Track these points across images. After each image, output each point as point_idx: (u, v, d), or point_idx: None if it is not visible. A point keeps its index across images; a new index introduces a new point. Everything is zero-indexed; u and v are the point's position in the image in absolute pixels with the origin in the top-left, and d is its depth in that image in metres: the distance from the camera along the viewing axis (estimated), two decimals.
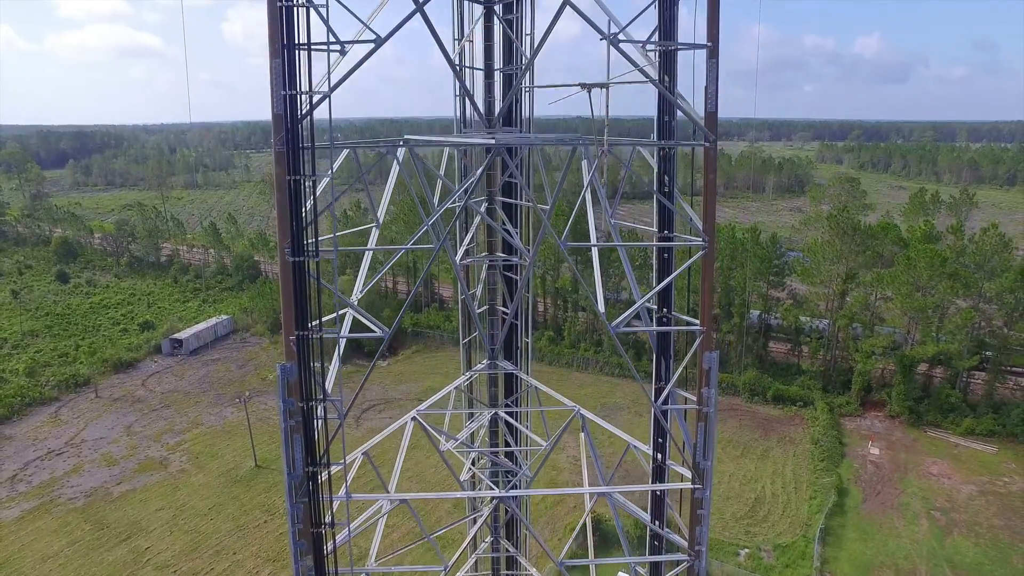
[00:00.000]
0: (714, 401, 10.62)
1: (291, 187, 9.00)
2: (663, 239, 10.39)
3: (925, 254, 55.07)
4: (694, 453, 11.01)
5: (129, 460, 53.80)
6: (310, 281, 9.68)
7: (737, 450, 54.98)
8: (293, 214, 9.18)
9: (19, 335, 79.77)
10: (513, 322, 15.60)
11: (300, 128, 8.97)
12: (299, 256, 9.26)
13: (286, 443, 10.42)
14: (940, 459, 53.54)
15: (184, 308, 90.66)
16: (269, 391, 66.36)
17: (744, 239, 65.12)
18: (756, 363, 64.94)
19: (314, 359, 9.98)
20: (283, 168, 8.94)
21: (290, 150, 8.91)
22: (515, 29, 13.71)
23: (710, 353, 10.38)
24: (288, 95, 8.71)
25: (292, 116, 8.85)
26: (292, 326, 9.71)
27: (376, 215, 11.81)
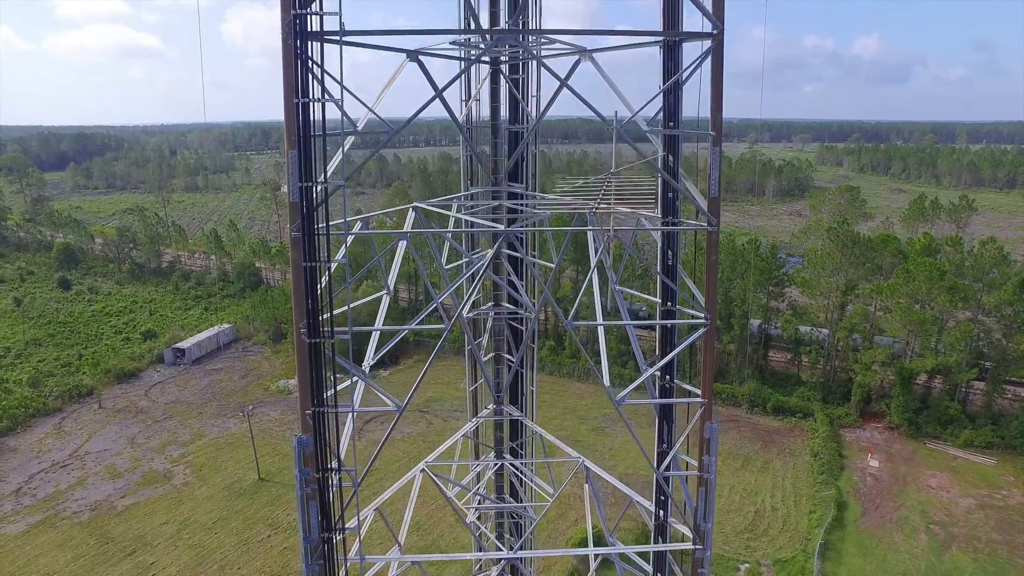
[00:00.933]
0: (714, 468, 10.94)
1: (307, 273, 9.31)
2: (666, 313, 10.71)
3: (924, 267, 55.41)
4: (695, 515, 11.32)
5: (133, 473, 54.12)
6: (324, 357, 9.99)
7: (737, 462, 55.31)
8: (309, 297, 9.49)
9: (22, 344, 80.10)
10: (519, 370, 15.92)
11: (316, 215, 9.28)
12: (315, 338, 9.58)
13: (301, 510, 10.74)
14: (939, 471, 53.89)
15: (186, 316, 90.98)
16: (272, 402, 66.75)
17: (744, 249, 65.45)
18: (756, 374, 65.28)
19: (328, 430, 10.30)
20: (299, 254, 9.25)
21: (306, 236, 9.22)
22: (521, 89, 14.01)
23: (711, 424, 10.70)
24: (304, 186, 9.02)
25: (307, 204, 9.16)
26: (308, 402, 10.03)
27: (387, 282, 12.13)
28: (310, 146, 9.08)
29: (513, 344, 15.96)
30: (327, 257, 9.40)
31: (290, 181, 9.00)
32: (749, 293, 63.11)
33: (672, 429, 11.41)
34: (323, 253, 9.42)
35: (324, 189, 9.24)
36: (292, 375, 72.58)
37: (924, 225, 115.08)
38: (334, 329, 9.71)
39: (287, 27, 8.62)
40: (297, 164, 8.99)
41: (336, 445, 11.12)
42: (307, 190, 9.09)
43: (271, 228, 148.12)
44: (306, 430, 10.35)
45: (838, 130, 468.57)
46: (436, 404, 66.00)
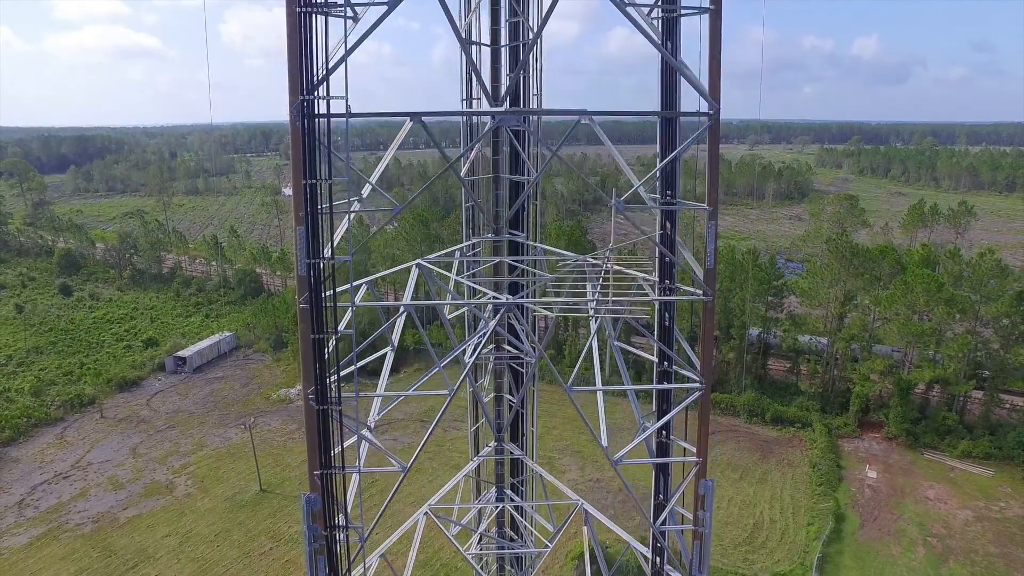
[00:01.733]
0: (709, 523, 11.24)
1: (315, 344, 9.61)
2: (662, 374, 11.02)
3: (921, 279, 55.73)
4: (690, 566, 11.63)
5: (135, 484, 54.41)
6: (332, 420, 10.29)
7: (736, 473, 55.63)
8: (317, 365, 9.79)
9: (24, 352, 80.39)
10: (520, 410, 16.22)
11: (323, 289, 9.58)
12: (323, 405, 9.88)
13: (310, 564, 11.06)
14: (937, 483, 54.19)
15: (187, 323, 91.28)
16: (273, 411, 67.06)
17: (744, 259, 65.76)
18: (755, 384, 65.58)
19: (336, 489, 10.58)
20: (307, 325, 9.55)
21: (314, 309, 9.52)
22: (522, 143, 14.27)
23: (705, 481, 11.00)
24: (312, 263, 9.32)
25: (316, 279, 9.46)
26: (316, 463, 10.33)
27: (392, 339, 12.42)
28: (318, 222, 9.38)
29: (514, 385, 16.26)
30: (335, 327, 9.69)
31: (298, 257, 9.29)
32: (748, 304, 63.42)
33: (668, 482, 11.71)
34: (331, 324, 9.71)
35: (332, 265, 9.53)
36: (293, 384, 72.89)
37: (923, 231, 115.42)
38: (341, 395, 10.01)
39: (295, 110, 8.91)
40: (305, 240, 9.28)
41: (343, 496, 11.44)
42: (315, 265, 9.38)
43: (271, 232, 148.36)
44: (314, 489, 10.66)
45: (838, 131, 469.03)
46: (436, 414, 66.15)
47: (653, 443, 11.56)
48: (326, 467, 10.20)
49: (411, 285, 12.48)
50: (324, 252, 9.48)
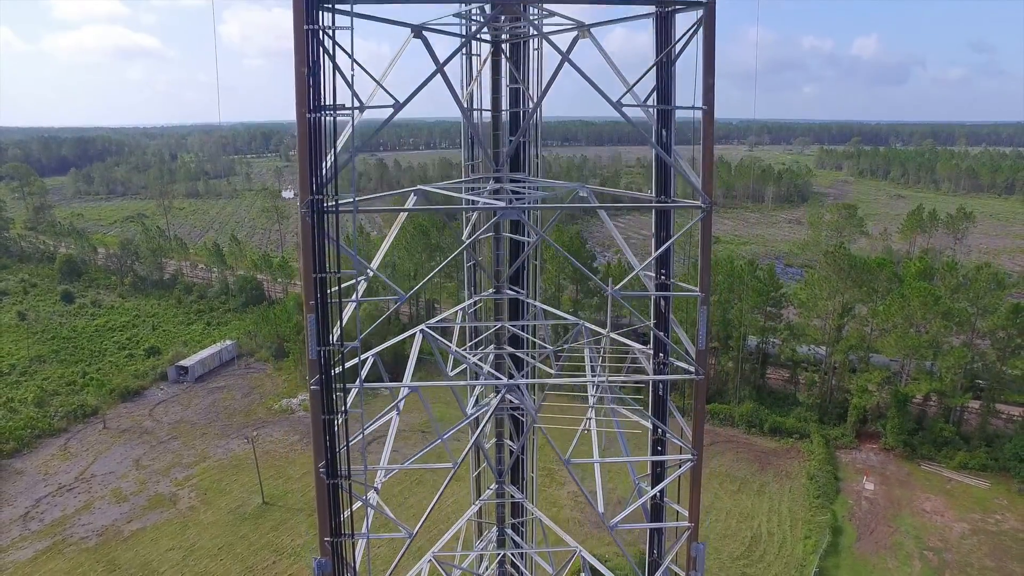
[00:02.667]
0: None
1: (325, 424, 10.05)
2: (656, 442, 11.48)
3: (918, 292, 56.17)
4: None
5: (139, 496, 54.87)
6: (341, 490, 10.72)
7: (734, 485, 56.10)
8: (328, 442, 10.23)
9: (27, 361, 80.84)
10: (520, 456, 16.66)
11: (332, 372, 10.02)
12: (334, 479, 10.32)
13: None
14: (933, 495, 54.65)
15: (188, 331, 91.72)
16: (275, 421, 67.52)
17: (742, 272, 66.19)
18: (753, 394, 66.03)
19: None
20: (318, 405, 9.99)
21: (324, 390, 9.96)
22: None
23: (697, 544, 11.45)
24: (323, 349, 9.75)
25: (326, 363, 9.90)
26: (326, 530, 10.78)
27: (396, 404, 12.85)
28: (327, 310, 9.81)
29: (515, 431, 16.71)
30: (344, 407, 10.12)
31: (309, 344, 9.72)
32: (746, 315, 63.89)
33: (662, 542, 12.15)
34: (340, 405, 10.13)
35: (341, 354, 9.97)
36: (294, 393, 73.34)
37: (922, 237, 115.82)
38: (351, 468, 10.45)
39: (307, 207, 9.29)
40: (315, 328, 9.71)
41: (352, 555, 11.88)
42: (325, 352, 9.82)
43: (271, 238, 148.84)
44: (324, 553, 11.11)
45: (838, 132, 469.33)
46: (438, 425, 66.57)
47: (648, 505, 12.00)
48: (336, 534, 10.63)
49: (415, 352, 12.91)
50: (333, 333, 9.91)
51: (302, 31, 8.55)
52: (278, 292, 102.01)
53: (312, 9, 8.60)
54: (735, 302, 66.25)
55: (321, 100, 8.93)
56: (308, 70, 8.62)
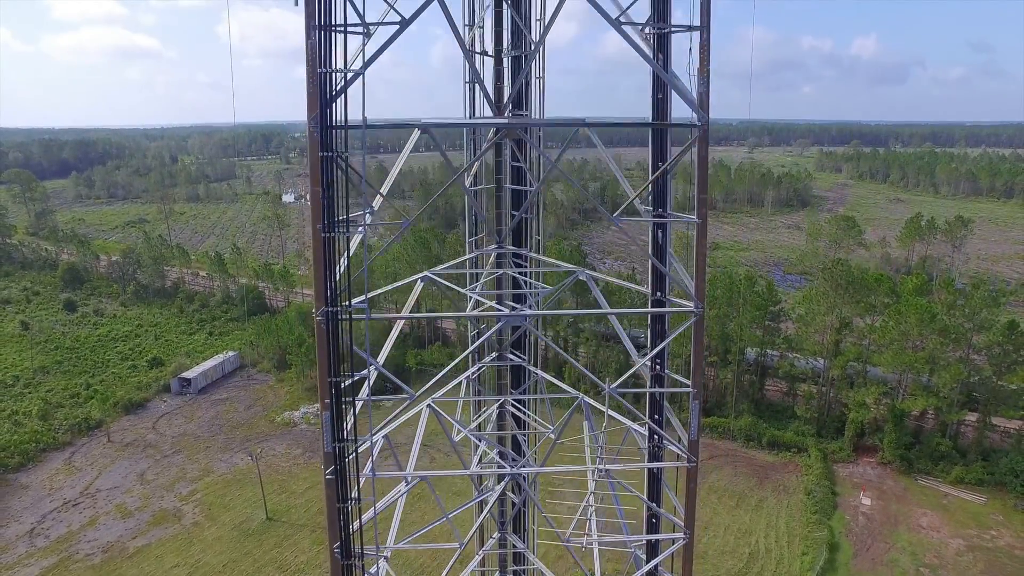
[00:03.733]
0: None
1: (340, 511, 10.58)
2: (652, 517, 12.04)
3: (915, 309, 56.73)
4: None
5: (143, 512, 55.43)
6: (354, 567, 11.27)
7: (732, 500, 56.67)
8: (342, 524, 10.77)
9: (30, 372, 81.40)
10: (522, 508, 17.20)
11: (347, 460, 10.55)
12: (348, 559, 10.85)
13: None
14: (930, 510, 55.21)
15: (191, 341, 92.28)
16: (277, 435, 68.10)
17: (741, 286, 66.76)
18: (752, 408, 66.58)
19: None
20: (333, 495, 10.53)
21: (339, 480, 10.49)
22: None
23: None
24: (337, 445, 10.29)
25: (341, 456, 10.43)
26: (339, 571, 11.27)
27: (405, 466, 13.39)
28: (342, 409, 10.34)
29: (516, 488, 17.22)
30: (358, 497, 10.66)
31: (324, 439, 10.26)
32: (745, 330, 64.46)
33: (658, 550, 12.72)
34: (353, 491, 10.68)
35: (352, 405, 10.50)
36: (296, 405, 73.94)
37: (921, 244, 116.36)
38: (364, 550, 11.01)
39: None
40: (331, 423, 10.25)
41: None
42: (341, 448, 10.35)
43: (272, 244, 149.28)
44: None
45: (837, 134, 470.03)
46: (439, 438, 67.03)
47: None
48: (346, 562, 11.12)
49: (420, 431, 13.43)
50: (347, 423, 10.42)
51: (317, 157, 9.09)
52: (279, 301, 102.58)
53: (327, 136, 9.14)
54: (734, 315, 66.79)
55: (335, 216, 9.47)
56: (323, 192, 9.14)
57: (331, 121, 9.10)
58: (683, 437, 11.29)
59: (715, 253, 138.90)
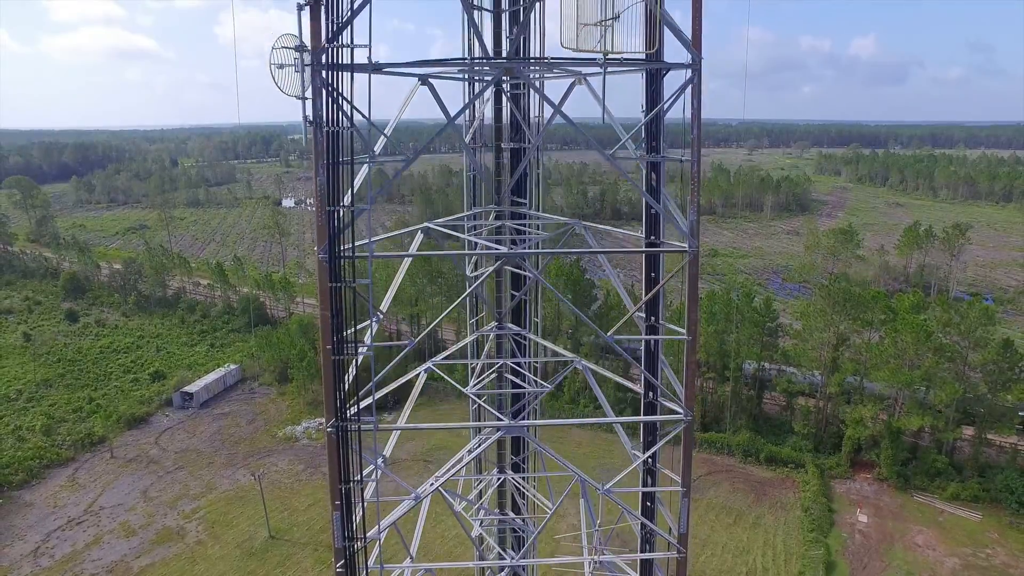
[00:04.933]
0: None
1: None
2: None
3: (911, 327, 57.25)
4: None
5: (147, 530, 55.93)
6: None
7: (730, 517, 57.19)
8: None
9: (33, 385, 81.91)
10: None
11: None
12: None
13: None
14: (926, 527, 55.74)
15: (192, 353, 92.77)
16: (279, 450, 68.61)
17: (740, 303, 67.27)
18: (750, 423, 67.09)
19: None
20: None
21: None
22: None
23: None
24: (344, 524, 10.76)
25: (349, 553, 10.93)
26: None
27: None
28: (352, 510, 10.82)
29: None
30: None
31: (335, 537, 10.74)
32: (743, 346, 65.01)
33: None
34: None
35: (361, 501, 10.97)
36: (298, 420, 74.47)
37: (919, 253, 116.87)
38: None
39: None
40: (341, 524, 10.73)
41: None
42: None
43: (273, 250, 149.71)
44: None
45: (837, 135, 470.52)
46: (440, 453, 67.63)
47: None
48: None
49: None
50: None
51: (327, 286, 9.60)
52: (280, 311, 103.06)
53: (336, 266, 9.67)
54: (733, 331, 67.31)
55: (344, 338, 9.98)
56: (332, 318, 9.65)
57: (340, 252, 9.57)
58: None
59: (714, 260, 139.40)
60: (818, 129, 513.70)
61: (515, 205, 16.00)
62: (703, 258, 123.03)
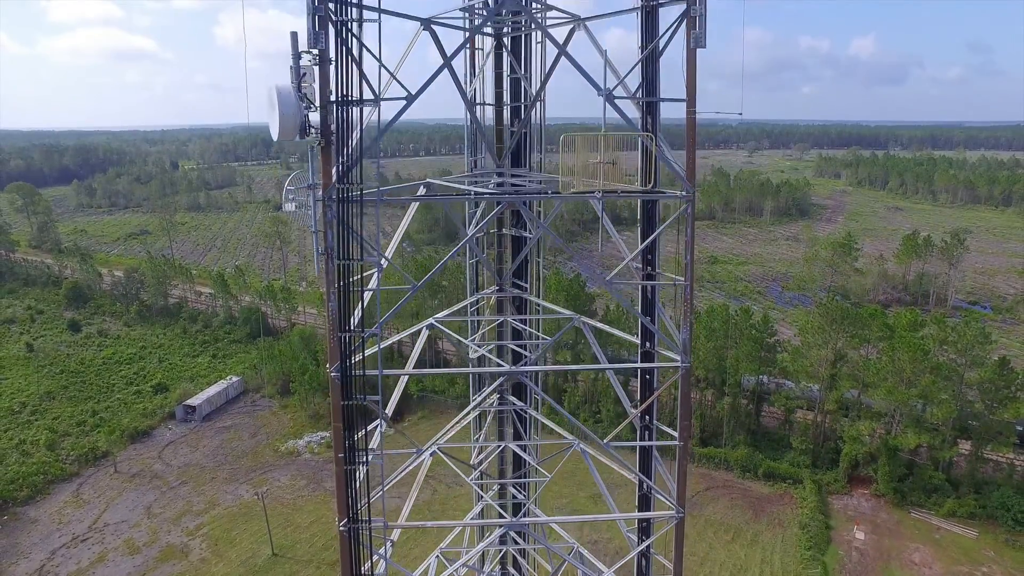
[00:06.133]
0: None
1: None
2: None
3: (908, 346, 57.75)
4: None
5: (151, 547, 56.45)
6: None
7: (728, 534, 57.70)
8: None
9: (36, 398, 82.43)
10: None
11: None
12: None
13: None
14: (922, 544, 56.24)
15: (194, 364, 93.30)
16: (281, 465, 69.12)
17: (738, 320, 67.76)
18: (748, 438, 67.57)
19: None
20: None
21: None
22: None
23: None
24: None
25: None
26: None
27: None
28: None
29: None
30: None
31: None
32: (742, 363, 65.53)
33: None
34: None
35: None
36: (300, 434, 74.97)
37: (917, 263, 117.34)
38: None
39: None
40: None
41: None
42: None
43: (274, 258, 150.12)
44: None
45: (837, 136, 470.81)
46: (440, 468, 68.03)
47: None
48: None
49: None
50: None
51: (339, 403, 10.12)
52: (281, 322, 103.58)
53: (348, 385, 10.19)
54: (731, 347, 67.79)
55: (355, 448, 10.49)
56: (345, 433, 10.17)
57: (352, 372, 10.08)
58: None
59: (714, 268, 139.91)
60: (818, 130, 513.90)
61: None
62: (703, 265, 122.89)
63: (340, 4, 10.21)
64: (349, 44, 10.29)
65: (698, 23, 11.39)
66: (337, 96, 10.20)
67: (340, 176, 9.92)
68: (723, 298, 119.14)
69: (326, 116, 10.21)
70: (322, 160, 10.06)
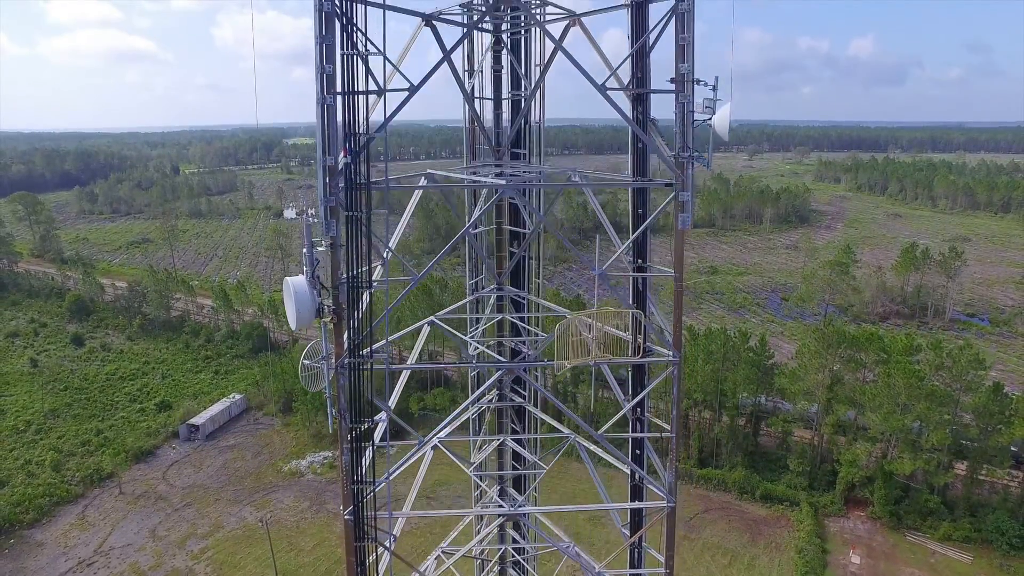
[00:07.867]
0: None
1: None
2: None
3: (903, 371, 58.44)
4: None
5: (156, 572, 57.20)
6: None
7: (725, 558, 58.42)
8: None
9: (41, 416, 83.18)
10: None
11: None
12: None
13: None
14: (918, 569, 56.94)
15: (197, 380, 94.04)
16: (284, 486, 69.88)
17: (736, 342, 68.44)
18: (746, 460, 68.27)
19: None
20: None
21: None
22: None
23: None
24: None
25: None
26: None
27: None
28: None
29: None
30: None
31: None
32: (740, 385, 66.26)
33: None
34: None
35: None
36: (303, 454, 75.71)
37: (916, 275, 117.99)
38: None
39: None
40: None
41: None
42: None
43: (275, 268, 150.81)
44: None
45: (837, 138, 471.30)
46: (441, 489, 68.83)
47: None
48: None
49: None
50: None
51: (352, 546, 10.82)
52: (283, 336, 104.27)
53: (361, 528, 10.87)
54: (730, 370, 68.48)
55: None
56: (357, 566, 10.88)
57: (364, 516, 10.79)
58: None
59: (713, 278, 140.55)
60: (818, 132, 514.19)
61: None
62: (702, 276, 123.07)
63: None
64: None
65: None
66: (348, 275, 10.94)
67: (351, 349, 10.68)
68: (723, 310, 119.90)
69: (338, 296, 10.96)
70: (335, 334, 10.82)
